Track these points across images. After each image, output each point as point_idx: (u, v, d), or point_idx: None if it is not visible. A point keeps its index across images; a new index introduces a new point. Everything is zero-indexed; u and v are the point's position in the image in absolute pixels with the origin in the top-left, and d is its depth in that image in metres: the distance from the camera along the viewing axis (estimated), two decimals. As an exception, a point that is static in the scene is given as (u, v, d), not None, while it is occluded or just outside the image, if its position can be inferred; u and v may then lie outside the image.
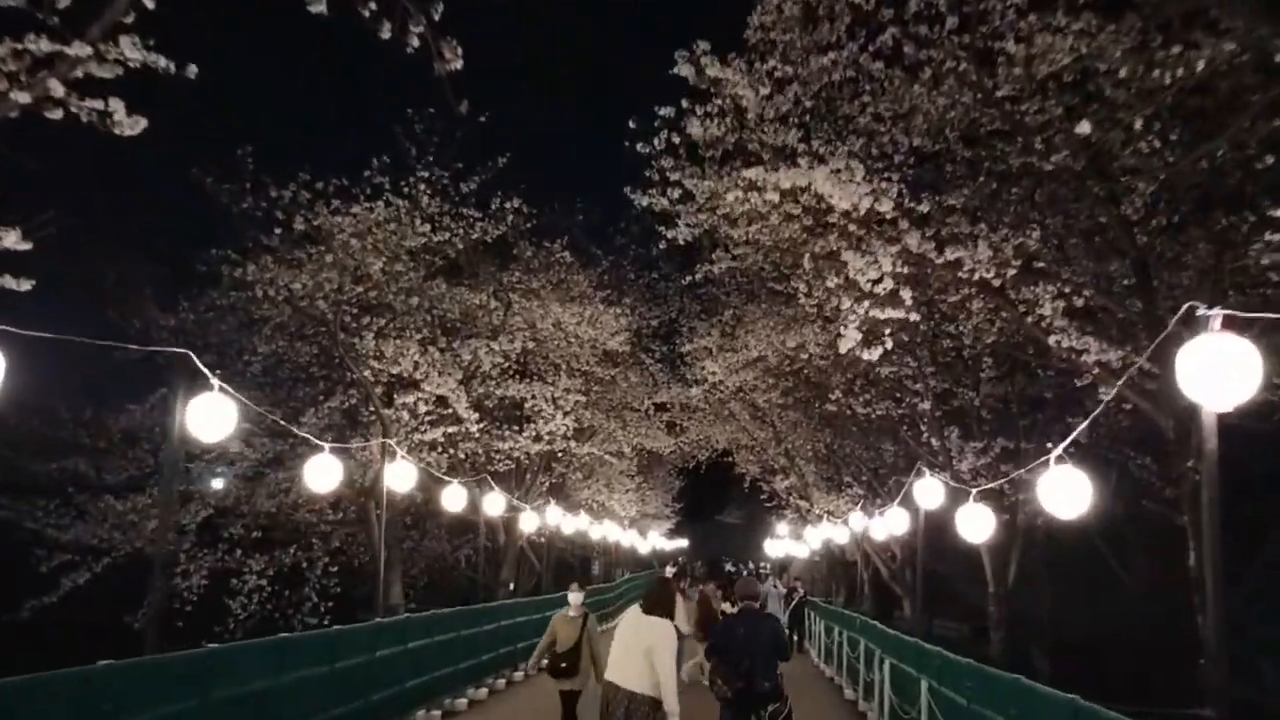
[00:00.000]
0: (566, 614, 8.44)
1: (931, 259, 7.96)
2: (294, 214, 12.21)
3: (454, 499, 12.63)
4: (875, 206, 6.95)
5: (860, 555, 25.61)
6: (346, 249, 12.67)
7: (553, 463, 25.09)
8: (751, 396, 19.60)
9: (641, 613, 6.39)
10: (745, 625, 7.28)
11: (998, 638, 14.27)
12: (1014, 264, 7.90)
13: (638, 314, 22.09)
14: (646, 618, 6.32)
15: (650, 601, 6.43)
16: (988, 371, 13.34)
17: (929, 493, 10.13)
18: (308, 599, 17.64)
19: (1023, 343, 11.34)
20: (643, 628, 6.28)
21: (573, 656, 8.14)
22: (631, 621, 6.44)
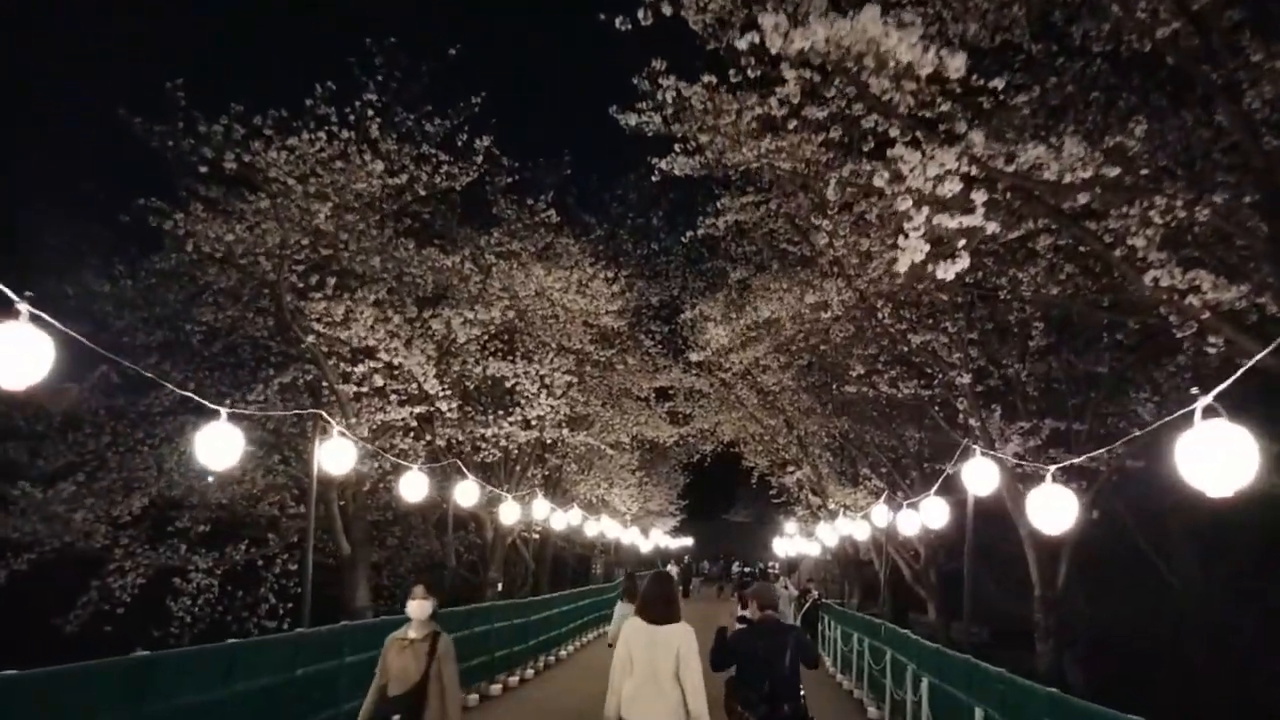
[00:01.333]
0: (403, 636, 5.42)
1: (998, 168, 6.08)
2: (224, 153, 10.38)
3: (413, 486, 10.80)
4: (941, 68, 5.04)
5: (878, 554, 23.74)
6: (287, 193, 10.84)
7: (546, 453, 23.29)
8: (760, 379, 17.71)
9: (649, 624, 5.11)
10: (766, 638, 6.11)
11: (1045, 649, 12.37)
12: (1107, 172, 5.99)
13: (636, 290, 20.23)
14: (662, 629, 5.09)
15: (656, 608, 5.17)
16: (1037, 339, 11.43)
17: (980, 476, 8.25)
18: (264, 600, 15.84)
19: (1097, 291, 9.40)
20: (660, 643, 5.05)
21: (412, 705, 5.19)
22: (642, 638, 5.09)
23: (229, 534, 16.23)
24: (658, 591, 5.28)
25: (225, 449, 6.73)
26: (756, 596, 6.50)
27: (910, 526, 12.77)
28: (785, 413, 19.66)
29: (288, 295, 11.70)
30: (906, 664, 10.56)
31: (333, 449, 8.76)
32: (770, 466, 29.99)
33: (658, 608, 5.14)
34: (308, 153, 10.32)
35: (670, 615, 5.12)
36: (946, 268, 5.23)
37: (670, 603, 5.20)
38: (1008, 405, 12.13)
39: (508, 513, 15.04)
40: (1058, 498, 6.11)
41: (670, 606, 5.17)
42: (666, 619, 5.10)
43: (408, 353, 12.72)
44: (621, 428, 23.28)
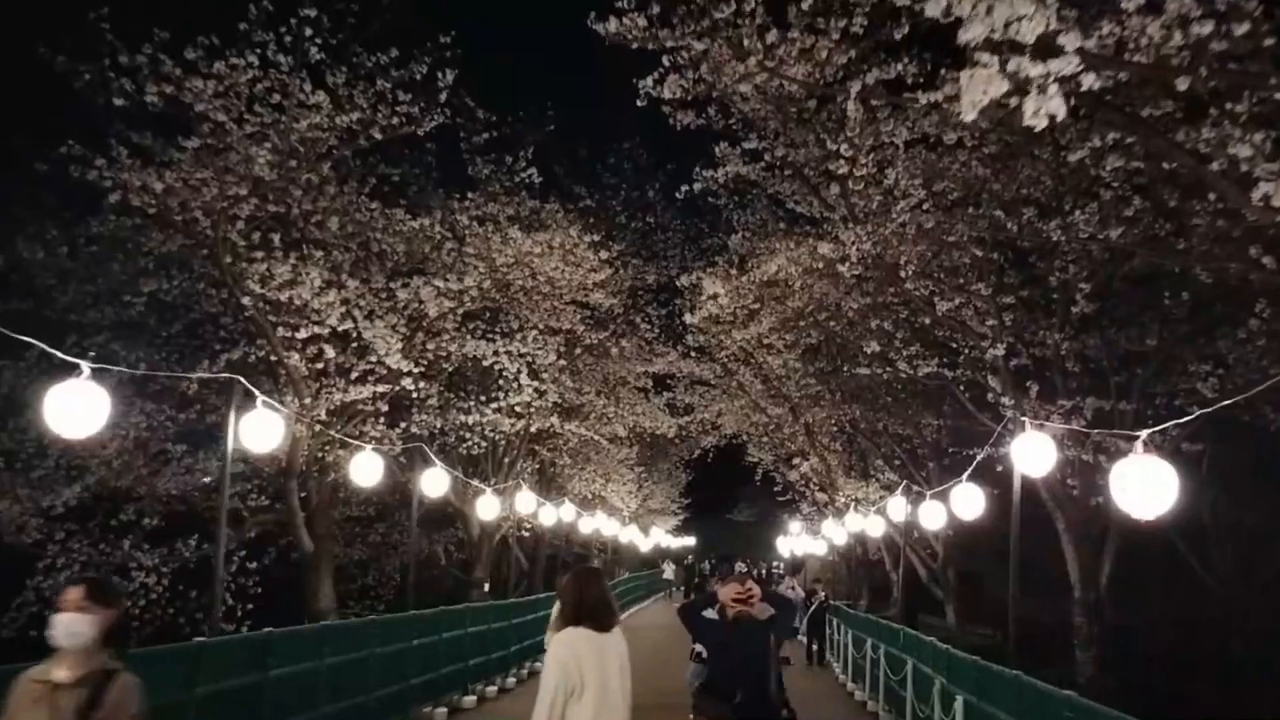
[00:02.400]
0: (42, 677, 3.18)
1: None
2: (146, 86, 8.97)
3: (365, 470, 9.40)
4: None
5: (889, 553, 22.31)
6: (220, 134, 9.43)
7: (536, 445, 21.88)
8: (764, 361, 16.26)
9: (597, 632, 4.10)
10: (743, 638, 5.37)
11: (1086, 658, 10.92)
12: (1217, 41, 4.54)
13: (631, 268, 18.82)
14: (609, 638, 4.14)
15: (603, 611, 4.14)
16: (1080, 305, 9.97)
17: (1031, 454, 6.82)
18: (221, 601, 14.40)
19: (1170, 232, 7.90)
20: (611, 655, 4.10)
21: None
22: (593, 651, 4.04)
23: (183, 529, 14.84)
24: (601, 592, 4.23)
25: (85, 413, 5.30)
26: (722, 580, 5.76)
27: (933, 520, 11.34)
28: (791, 400, 18.22)
29: (228, 256, 10.28)
30: (933, 677, 9.12)
31: (256, 423, 7.33)
32: (775, 461, 28.63)
33: (604, 611, 4.14)
34: (238, 83, 8.91)
35: (614, 619, 4.22)
36: (1038, 104, 3.74)
37: (614, 603, 4.29)
38: (1045, 383, 10.68)
39: (486, 506, 13.62)
40: (1154, 472, 4.68)
41: (614, 608, 4.27)
42: (612, 624, 4.19)
43: (369, 325, 11.31)
44: (617, 418, 21.84)
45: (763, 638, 5.34)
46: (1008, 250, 9.99)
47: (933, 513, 11.24)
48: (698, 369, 20.48)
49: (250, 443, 7.40)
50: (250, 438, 7.35)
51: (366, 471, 9.44)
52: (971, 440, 14.48)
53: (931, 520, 11.29)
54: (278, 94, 9.19)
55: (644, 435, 25.89)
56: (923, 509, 11.34)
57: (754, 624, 5.39)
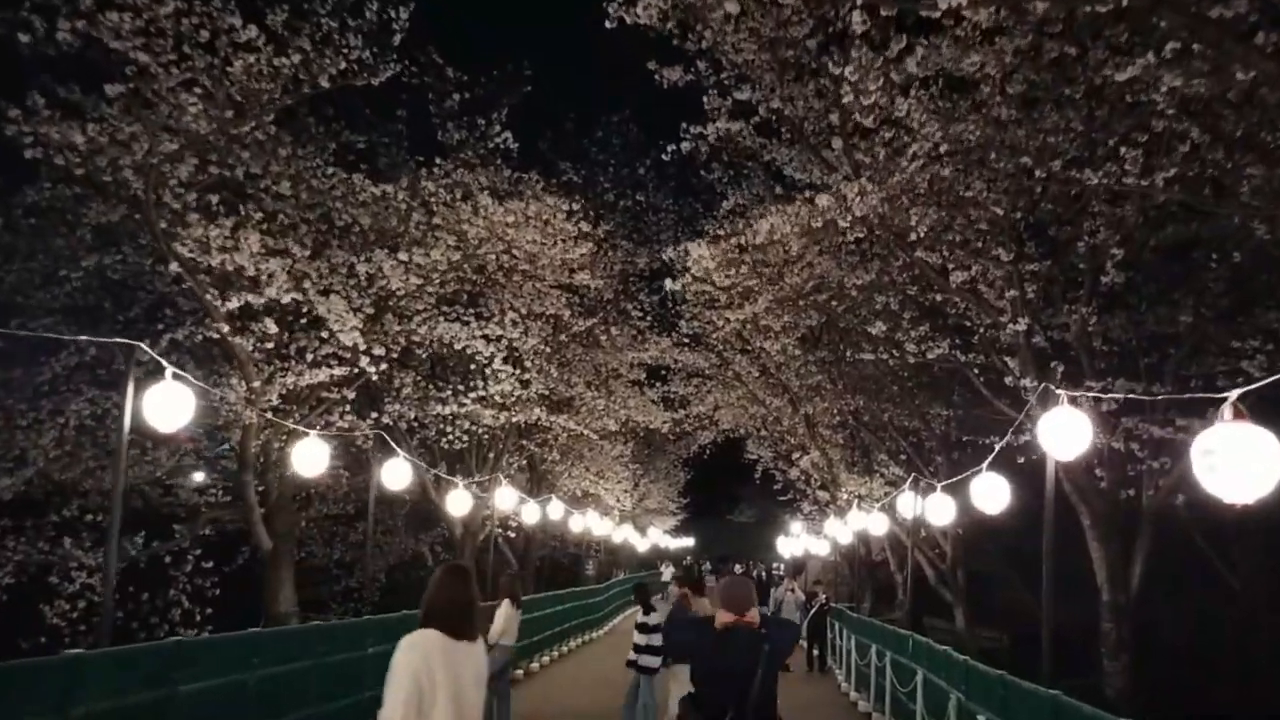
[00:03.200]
0: None
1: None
2: (57, 23, 7.91)
3: (309, 459, 8.36)
4: None
5: (893, 553, 21.24)
6: (146, 79, 8.38)
7: (523, 440, 20.84)
8: (760, 347, 15.19)
9: (452, 639, 3.59)
10: (736, 650, 4.53)
11: (1116, 667, 9.84)
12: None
13: (621, 251, 17.79)
14: (467, 647, 3.65)
15: (459, 616, 3.65)
16: (1111, 275, 8.90)
17: (1067, 432, 5.76)
18: (176, 603, 13.38)
19: (1232, 167, 6.81)
20: (468, 668, 3.61)
21: None
22: (446, 658, 3.53)
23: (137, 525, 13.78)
24: (460, 595, 3.71)
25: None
26: (727, 596, 4.58)
27: (943, 515, 10.27)
28: (790, 390, 17.15)
29: (162, 222, 9.22)
30: (948, 691, 8.07)
31: (162, 398, 6.29)
32: (774, 458, 27.63)
33: (459, 617, 3.65)
34: (160, 16, 7.86)
35: (472, 629, 3.69)
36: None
37: (474, 613, 3.74)
38: (1069, 365, 9.62)
39: (456, 502, 12.57)
40: (1249, 441, 3.61)
41: (473, 618, 3.73)
42: (468, 634, 3.66)
43: (323, 300, 10.26)
44: (609, 412, 20.78)
45: (756, 648, 4.49)
46: (1030, 214, 8.91)
47: (943, 507, 10.20)
48: (692, 357, 19.41)
49: (156, 420, 6.34)
50: (155, 414, 6.30)
51: (310, 460, 8.40)
52: (985, 430, 13.41)
53: (941, 515, 10.23)
54: (206, 30, 8.13)
55: (638, 430, 24.85)
56: (932, 503, 10.29)
57: (748, 633, 4.53)
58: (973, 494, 7.83)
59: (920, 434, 16.07)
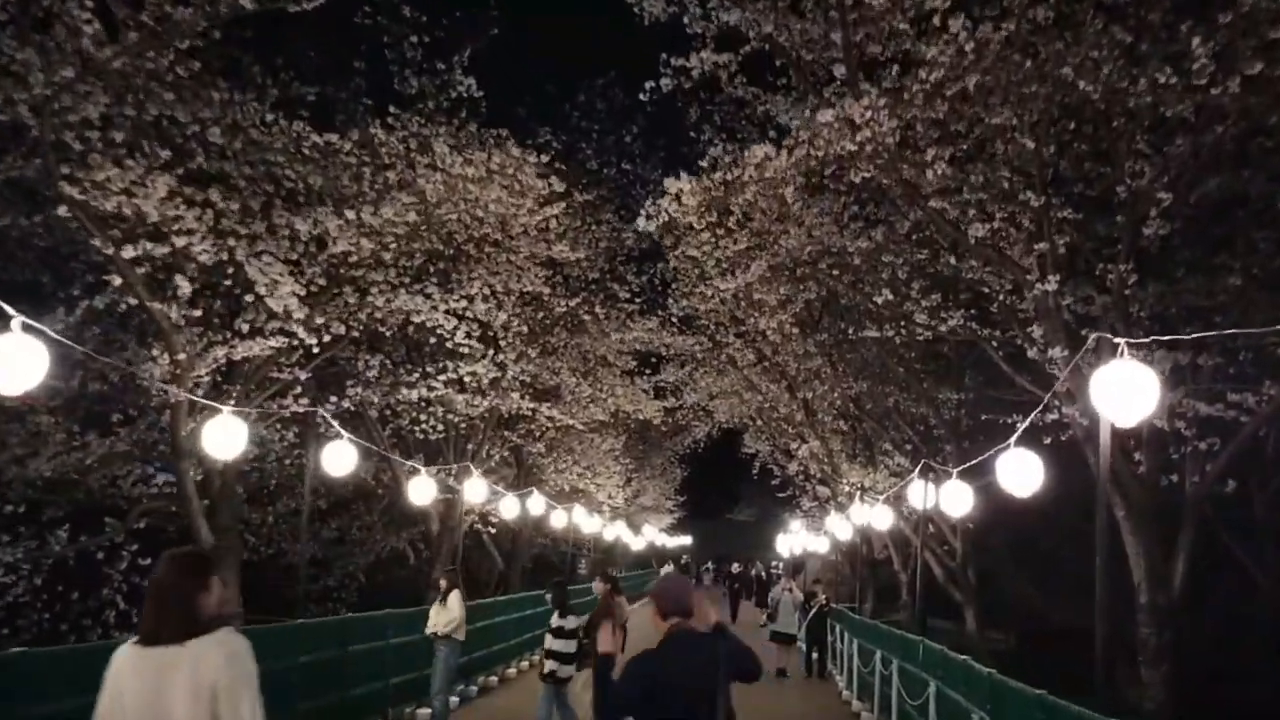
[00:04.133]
0: None
1: None
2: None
3: (222, 440, 7.16)
4: None
5: (896, 550, 20.04)
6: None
7: (506, 431, 19.64)
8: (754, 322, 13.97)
9: (147, 647, 2.86)
10: (685, 657, 3.66)
11: (1155, 677, 8.62)
12: None
13: (606, 226, 16.59)
14: (174, 652, 2.83)
15: (166, 614, 2.88)
16: (1155, 226, 7.67)
17: (1130, 389, 4.56)
18: (111, 604, 12.18)
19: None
20: (175, 679, 2.81)
21: None
22: (140, 674, 2.83)
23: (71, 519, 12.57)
24: (169, 587, 2.95)
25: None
26: (659, 597, 3.82)
27: (958, 505, 9.06)
28: (787, 375, 15.92)
29: (62, 166, 8.00)
30: (969, 711, 6.85)
31: (4, 351, 5.06)
32: (772, 451, 26.51)
33: (168, 614, 2.88)
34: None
35: (176, 627, 2.88)
36: None
37: (190, 602, 2.92)
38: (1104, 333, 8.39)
39: (418, 490, 11.35)
40: None
41: (191, 610, 2.91)
42: (169, 634, 2.86)
43: (255, 260, 9.05)
44: (594, 400, 19.58)
45: (714, 647, 3.65)
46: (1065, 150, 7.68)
47: (959, 496, 8.99)
48: (683, 341, 18.20)
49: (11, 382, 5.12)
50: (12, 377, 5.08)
51: (223, 441, 7.19)
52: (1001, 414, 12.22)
53: (957, 505, 9.01)
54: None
55: (629, 422, 23.64)
56: (947, 492, 9.07)
57: (694, 637, 3.67)
58: (999, 474, 6.62)
59: (928, 421, 14.84)
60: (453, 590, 9.59)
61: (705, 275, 12.63)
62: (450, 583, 9.65)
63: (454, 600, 9.53)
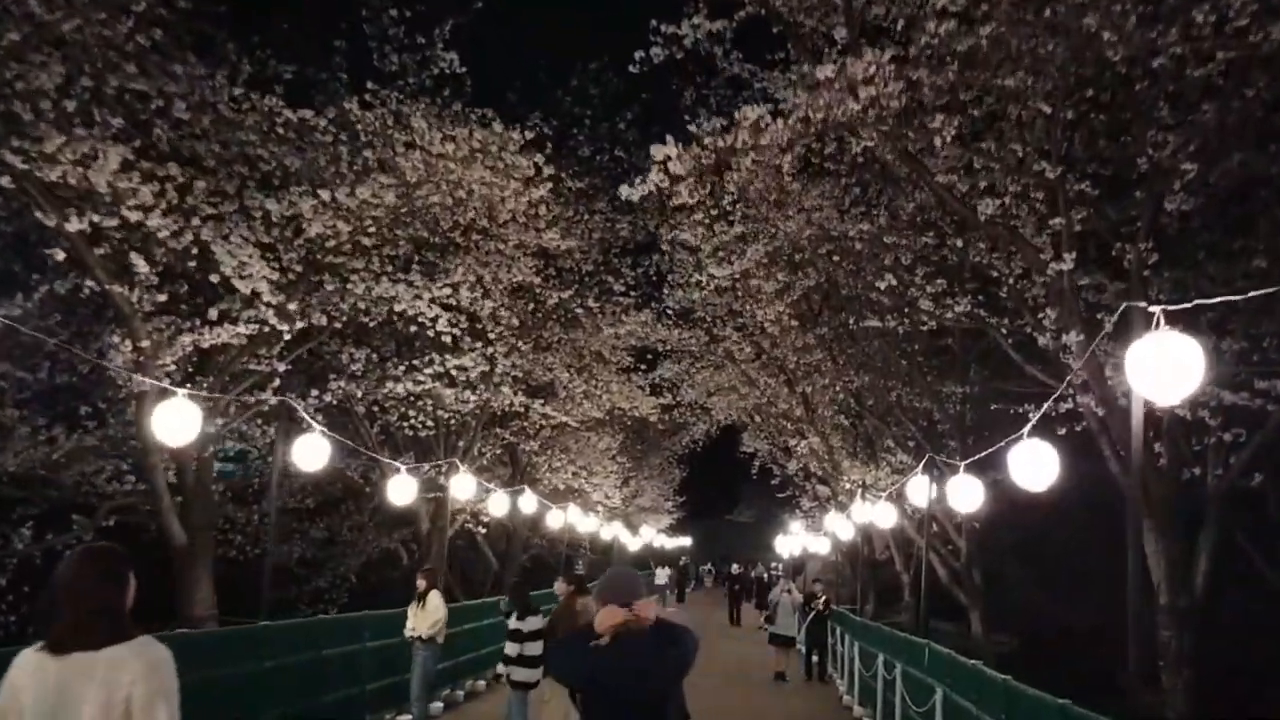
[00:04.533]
0: None
1: None
2: None
3: (170, 426, 6.66)
4: None
5: (898, 550, 19.56)
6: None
7: (498, 428, 19.15)
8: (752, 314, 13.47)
9: (53, 656, 2.55)
10: (633, 657, 3.24)
11: (1177, 684, 8.11)
12: None
13: (599, 216, 16.07)
14: (83, 660, 2.53)
15: (72, 617, 2.59)
16: (1179, 200, 7.16)
17: (1171, 363, 4.06)
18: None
19: None
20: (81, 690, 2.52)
21: None
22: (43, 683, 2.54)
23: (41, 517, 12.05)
24: (89, 583, 2.58)
25: None
26: (610, 592, 3.41)
27: (967, 500, 8.54)
28: (786, 370, 15.41)
29: (12, 138, 7.51)
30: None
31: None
32: (771, 451, 26.07)
33: (81, 618, 2.56)
34: None
35: (105, 631, 2.57)
36: None
37: (105, 605, 2.59)
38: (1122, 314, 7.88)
39: (397, 489, 10.85)
40: None
41: (106, 614, 2.58)
42: (99, 638, 2.56)
43: (223, 243, 8.56)
44: (588, 396, 19.07)
45: (656, 653, 3.27)
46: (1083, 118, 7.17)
47: (966, 491, 8.48)
48: (679, 335, 17.67)
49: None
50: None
51: (175, 427, 6.68)
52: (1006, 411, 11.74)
53: (965, 500, 8.50)
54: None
55: (625, 420, 23.11)
56: (953, 487, 8.56)
57: (640, 640, 3.27)
58: (1010, 467, 6.12)
59: (932, 416, 14.33)
60: (432, 590, 9.09)
61: (700, 264, 12.13)
62: (429, 582, 9.15)
63: (434, 601, 9.04)
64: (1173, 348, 4.03)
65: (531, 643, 8.04)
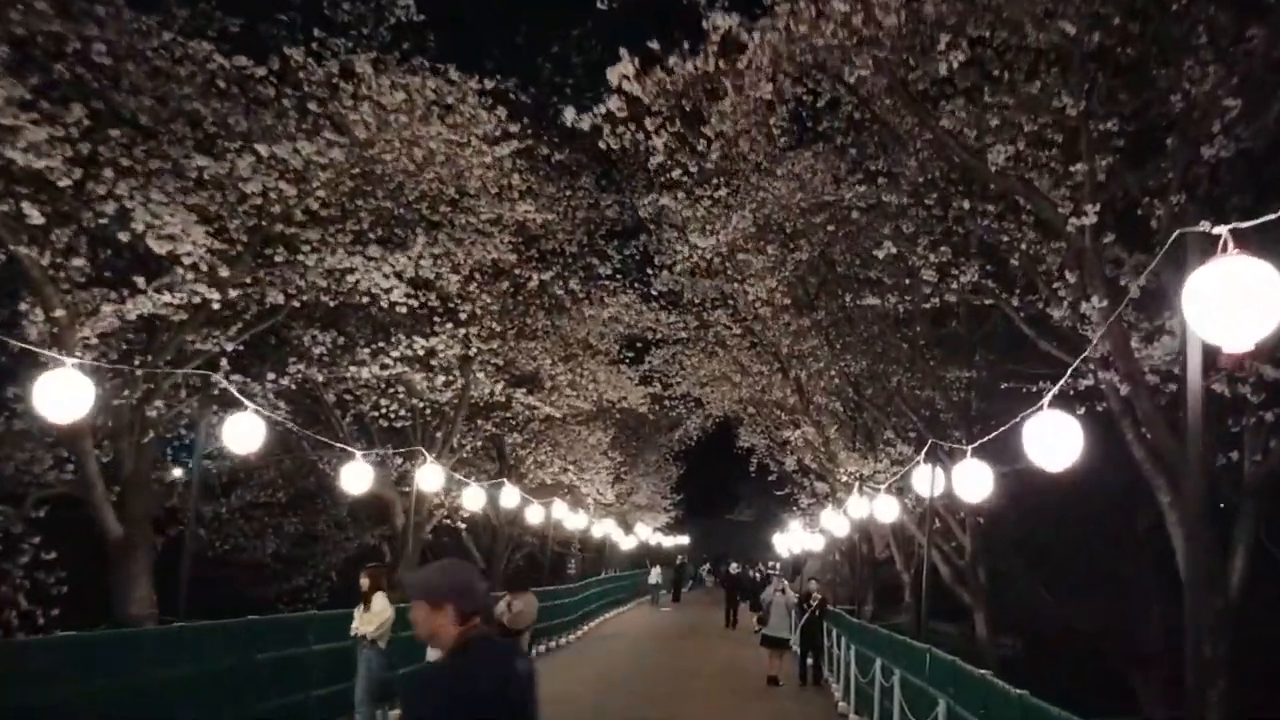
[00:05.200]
0: None
1: None
2: None
3: (53, 401, 5.76)
4: None
5: (899, 548, 18.65)
6: None
7: (478, 419, 18.24)
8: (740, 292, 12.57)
9: None
10: (494, 667, 2.58)
11: (1211, 696, 7.19)
12: None
13: (581, 194, 15.18)
14: None
15: None
16: (1218, 145, 6.26)
17: (1242, 293, 3.15)
18: (12, 603, 10.76)
19: None
20: None
21: None
22: None
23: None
24: None
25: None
26: (459, 591, 2.63)
27: (975, 488, 7.64)
28: (779, 356, 14.50)
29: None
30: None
31: None
32: (769, 446, 25.22)
33: None
34: None
35: None
36: None
37: None
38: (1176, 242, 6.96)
39: (353, 477, 9.94)
40: None
41: None
42: None
43: (147, 202, 7.67)
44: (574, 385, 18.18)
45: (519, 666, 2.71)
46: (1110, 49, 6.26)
47: (972, 478, 7.58)
48: (667, 320, 16.75)
49: None
50: None
51: (60, 401, 5.78)
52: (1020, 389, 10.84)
53: (972, 488, 7.59)
54: None
55: (615, 412, 22.20)
56: (960, 473, 7.65)
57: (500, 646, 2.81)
58: (1026, 443, 5.22)
59: (935, 404, 13.41)
60: (376, 591, 8.24)
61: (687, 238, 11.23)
62: (373, 582, 8.30)
63: (379, 603, 8.19)
64: (1244, 274, 3.12)
65: None
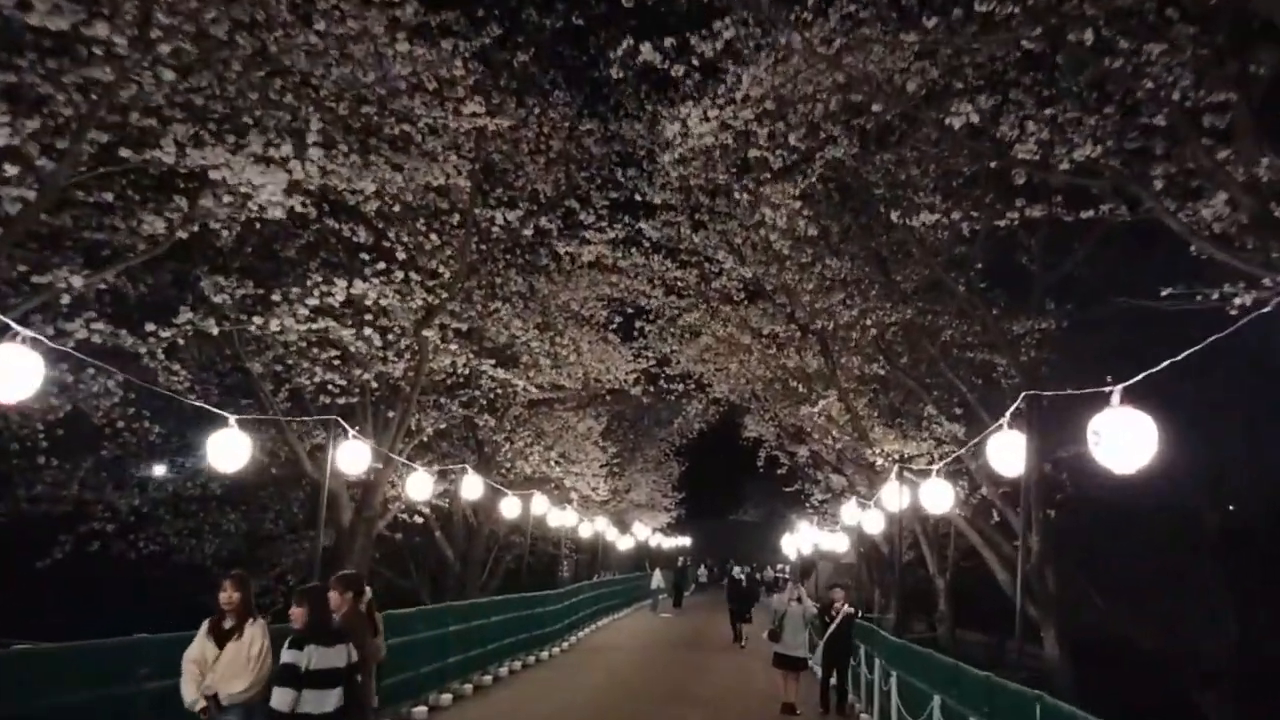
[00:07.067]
0: None
1: None
2: None
3: None
4: None
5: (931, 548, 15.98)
6: None
7: (442, 397, 15.54)
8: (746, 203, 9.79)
9: None
10: None
11: None
12: None
13: (558, 111, 12.47)
14: None
15: None
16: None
17: None
18: None
19: None
20: None
21: None
22: None
23: None
24: None
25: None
26: None
27: (1122, 454, 4.85)
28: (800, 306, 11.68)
29: None
30: None
31: None
32: (779, 436, 22.68)
33: None
34: None
35: None
36: None
37: None
38: None
39: (222, 450, 7.21)
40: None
41: None
42: None
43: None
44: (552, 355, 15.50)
45: None
46: None
47: (1113, 434, 4.79)
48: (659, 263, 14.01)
49: None
50: None
51: None
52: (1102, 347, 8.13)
53: (1116, 453, 4.80)
54: None
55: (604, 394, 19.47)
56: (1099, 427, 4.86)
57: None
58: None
59: (993, 367, 10.63)
60: (246, 621, 5.79)
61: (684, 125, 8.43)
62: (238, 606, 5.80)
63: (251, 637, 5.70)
64: None
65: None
